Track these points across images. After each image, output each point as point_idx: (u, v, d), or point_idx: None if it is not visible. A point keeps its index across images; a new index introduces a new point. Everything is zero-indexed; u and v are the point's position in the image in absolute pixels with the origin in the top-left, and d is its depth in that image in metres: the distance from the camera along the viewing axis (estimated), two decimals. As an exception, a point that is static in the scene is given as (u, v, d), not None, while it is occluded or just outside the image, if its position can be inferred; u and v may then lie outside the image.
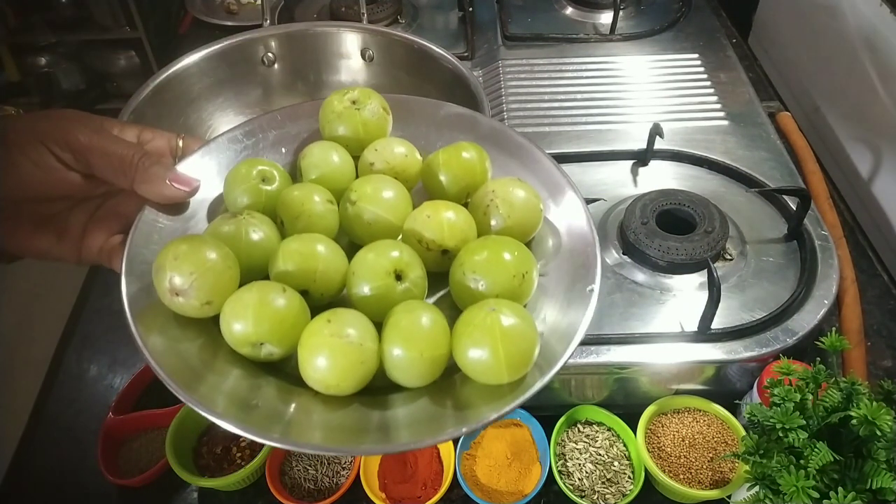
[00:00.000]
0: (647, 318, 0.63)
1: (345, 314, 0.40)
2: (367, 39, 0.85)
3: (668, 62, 0.97)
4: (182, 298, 0.40)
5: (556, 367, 0.38)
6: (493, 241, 0.43)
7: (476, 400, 0.39)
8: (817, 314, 0.62)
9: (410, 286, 0.42)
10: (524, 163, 0.50)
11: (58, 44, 2.05)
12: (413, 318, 0.40)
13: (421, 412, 0.40)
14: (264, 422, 0.37)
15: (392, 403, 0.41)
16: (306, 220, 0.45)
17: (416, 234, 0.45)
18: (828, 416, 0.46)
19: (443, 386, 0.41)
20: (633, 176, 0.79)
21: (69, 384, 0.70)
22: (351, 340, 0.38)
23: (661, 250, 0.66)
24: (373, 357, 0.39)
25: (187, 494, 0.61)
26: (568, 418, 0.62)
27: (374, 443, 0.38)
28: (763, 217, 0.73)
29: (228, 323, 0.40)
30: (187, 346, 0.40)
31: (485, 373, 0.39)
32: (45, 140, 0.41)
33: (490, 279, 0.42)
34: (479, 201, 0.47)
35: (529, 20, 1.07)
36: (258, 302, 0.39)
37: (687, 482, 0.57)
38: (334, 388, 0.39)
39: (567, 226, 0.47)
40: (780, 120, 0.90)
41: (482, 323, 0.39)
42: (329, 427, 0.39)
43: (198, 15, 1.15)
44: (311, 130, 0.53)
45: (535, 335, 0.39)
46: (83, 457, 0.63)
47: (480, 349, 0.38)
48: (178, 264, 0.39)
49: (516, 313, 0.39)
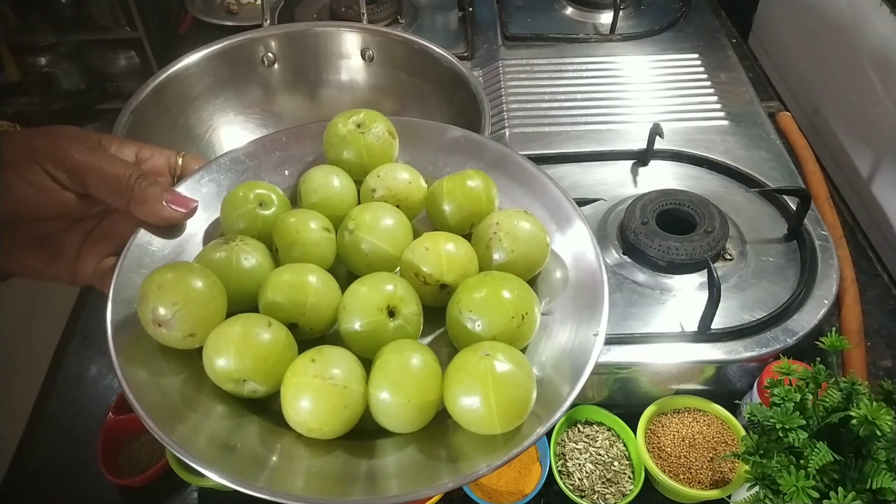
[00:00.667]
0: (647, 318, 0.63)
1: (331, 353, 0.38)
2: (367, 39, 0.85)
3: (668, 62, 0.97)
4: (165, 329, 0.38)
5: (554, 417, 0.36)
6: (492, 278, 0.41)
7: (469, 449, 0.37)
8: (817, 314, 0.62)
9: (404, 323, 0.40)
10: (532, 191, 0.48)
11: (58, 44, 2.04)
12: (402, 361, 0.38)
13: (410, 461, 0.38)
14: (244, 467, 0.35)
15: (380, 449, 0.39)
16: (301, 249, 0.43)
17: (413, 266, 0.43)
18: (828, 416, 0.46)
19: (434, 433, 0.39)
20: (633, 176, 0.79)
21: (69, 384, 0.70)
22: (335, 382, 0.37)
23: (661, 250, 0.66)
24: (358, 400, 0.37)
25: (187, 494, 0.61)
26: (568, 418, 0.62)
27: (362, 493, 0.36)
28: (763, 217, 0.73)
29: (210, 358, 0.38)
30: (170, 380, 0.39)
31: (475, 423, 0.37)
32: (40, 158, 0.40)
33: (487, 319, 0.39)
34: (483, 234, 0.45)
35: (529, 20, 1.07)
36: (241, 336, 0.38)
37: (687, 482, 0.57)
38: (317, 432, 0.37)
39: (575, 259, 0.45)
40: (780, 120, 0.90)
41: (474, 369, 0.36)
42: (313, 474, 0.37)
43: (198, 15, 1.15)
44: (317, 153, 0.51)
45: (530, 384, 0.37)
46: (83, 457, 0.63)
47: (471, 398, 0.36)
48: (161, 294, 0.38)
49: (512, 360, 0.37)
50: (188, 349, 0.40)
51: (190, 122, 0.82)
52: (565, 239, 0.46)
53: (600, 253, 0.44)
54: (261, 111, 0.86)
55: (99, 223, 0.46)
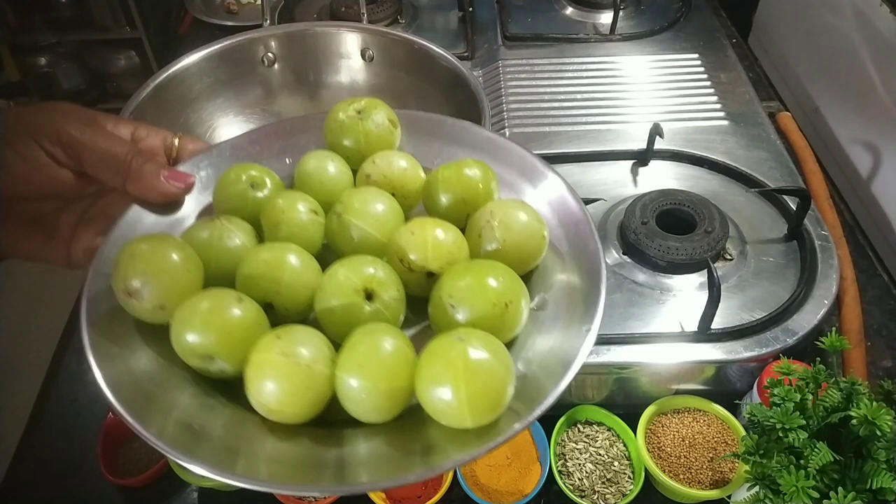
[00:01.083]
0: (647, 318, 0.63)
1: (298, 331, 0.36)
2: (367, 39, 0.85)
3: (668, 62, 0.97)
4: (135, 300, 0.37)
5: (534, 414, 0.34)
6: (479, 265, 0.39)
7: (442, 443, 0.35)
8: (817, 314, 0.62)
9: (381, 308, 0.38)
10: (535, 184, 0.46)
11: (58, 44, 2.05)
12: (372, 343, 0.35)
13: (380, 451, 0.36)
14: (210, 450, 0.34)
15: (351, 439, 0.36)
16: (286, 230, 0.42)
17: (398, 251, 0.41)
18: (828, 416, 0.46)
19: (406, 425, 0.36)
20: (633, 176, 0.79)
21: (69, 384, 0.70)
22: (299, 361, 0.34)
23: (661, 250, 0.66)
24: (323, 382, 0.35)
25: (187, 494, 0.61)
26: (568, 418, 0.62)
27: (331, 481, 0.34)
28: (763, 217, 0.73)
29: (177, 331, 0.36)
30: (140, 357, 0.37)
31: (445, 413, 0.34)
32: (36, 134, 0.40)
33: (468, 305, 0.37)
34: (476, 222, 0.43)
35: (529, 20, 1.07)
36: (209, 309, 0.36)
37: (687, 482, 0.57)
38: (278, 414, 0.35)
39: (576, 256, 0.43)
40: (780, 120, 0.90)
41: (445, 355, 0.34)
42: (277, 460, 0.35)
43: (198, 15, 1.15)
44: (320, 143, 0.50)
45: (507, 375, 0.34)
46: (83, 457, 0.63)
47: (440, 385, 0.33)
48: (133, 263, 0.37)
49: (488, 347, 0.34)
50: (161, 324, 0.38)
51: (190, 122, 0.82)
52: (567, 234, 0.44)
53: (602, 249, 0.42)
54: (261, 111, 0.86)
55: (94, 204, 0.45)
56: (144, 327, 0.39)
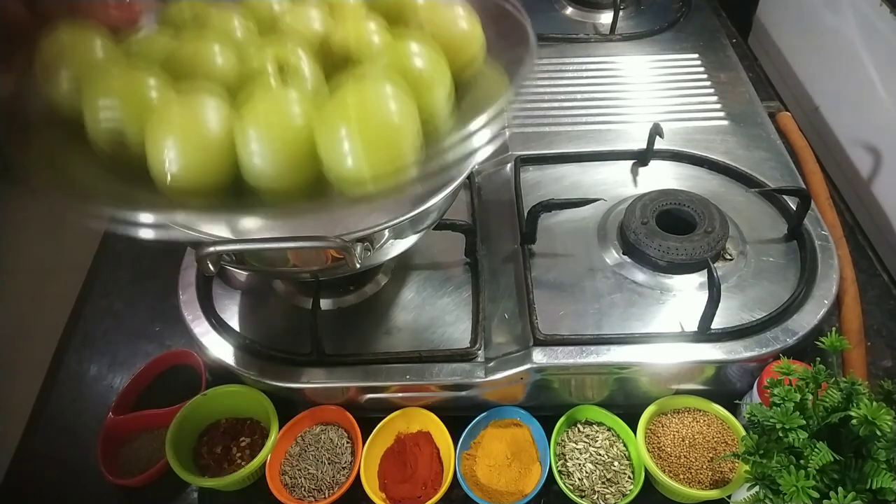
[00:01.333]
0: (647, 318, 0.63)
1: (202, 94, 0.34)
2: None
3: (668, 62, 0.97)
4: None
5: (449, 178, 0.32)
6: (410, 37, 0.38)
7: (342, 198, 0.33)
8: (817, 314, 0.62)
9: (290, 77, 0.37)
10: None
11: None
12: (273, 98, 0.34)
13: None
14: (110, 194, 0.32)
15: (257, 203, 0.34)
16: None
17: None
18: (828, 416, 0.46)
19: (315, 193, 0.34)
20: (633, 176, 0.79)
21: (69, 384, 0.70)
22: (197, 118, 0.32)
23: (661, 250, 0.66)
24: (222, 139, 0.33)
25: (187, 494, 0.61)
26: (568, 418, 0.62)
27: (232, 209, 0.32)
28: (763, 217, 0.73)
29: (88, 104, 0.35)
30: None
31: (342, 166, 0.31)
32: None
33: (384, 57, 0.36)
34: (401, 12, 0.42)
35: (529, 20, 1.07)
36: (117, 79, 0.35)
37: (687, 482, 0.57)
38: (179, 181, 0.33)
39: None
40: (780, 120, 0.90)
41: (342, 93, 0.31)
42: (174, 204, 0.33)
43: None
44: None
45: (409, 123, 0.31)
46: (83, 457, 0.63)
47: (335, 128, 0.31)
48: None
49: (392, 90, 0.31)
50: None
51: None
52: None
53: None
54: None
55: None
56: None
